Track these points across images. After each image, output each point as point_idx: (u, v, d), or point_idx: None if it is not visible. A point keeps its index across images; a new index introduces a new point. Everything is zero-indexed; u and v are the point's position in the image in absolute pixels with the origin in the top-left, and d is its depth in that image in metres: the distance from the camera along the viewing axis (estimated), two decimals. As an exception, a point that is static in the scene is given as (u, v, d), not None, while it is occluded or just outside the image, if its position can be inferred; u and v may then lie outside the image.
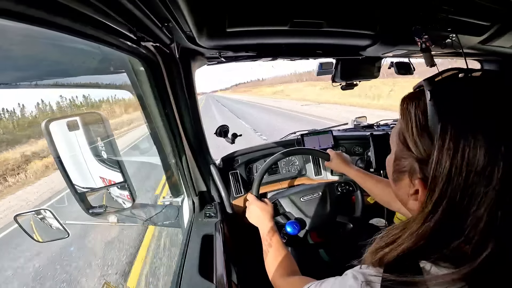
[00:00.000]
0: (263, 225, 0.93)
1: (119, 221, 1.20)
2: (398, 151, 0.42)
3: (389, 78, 15.37)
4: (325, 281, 0.48)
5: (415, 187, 0.38)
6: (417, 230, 0.35)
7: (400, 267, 0.36)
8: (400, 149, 0.42)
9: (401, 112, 0.41)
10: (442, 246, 0.34)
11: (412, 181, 0.39)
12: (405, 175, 0.41)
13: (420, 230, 0.35)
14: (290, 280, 0.70)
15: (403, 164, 0.41)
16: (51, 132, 0.95)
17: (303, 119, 11.51)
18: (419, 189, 0.37)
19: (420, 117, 0.37)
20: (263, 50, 1.08)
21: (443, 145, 0.32)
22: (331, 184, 1.20)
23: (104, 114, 1.06)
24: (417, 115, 0.37)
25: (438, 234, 0.34)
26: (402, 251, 0.36)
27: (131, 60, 0.86)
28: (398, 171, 0.43)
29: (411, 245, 0.35)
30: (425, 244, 0.35)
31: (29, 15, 0.37)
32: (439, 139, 0.33)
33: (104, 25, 0.52)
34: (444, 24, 0.90)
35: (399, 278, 0.35)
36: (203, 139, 1.28)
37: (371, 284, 0.37)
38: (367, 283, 0.38)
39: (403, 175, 0.42)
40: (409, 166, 0.40)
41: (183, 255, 0.94)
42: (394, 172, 0.44)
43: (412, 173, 0.39)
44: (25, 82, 0.75)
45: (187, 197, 1.27)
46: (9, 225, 4.43)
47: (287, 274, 0.74)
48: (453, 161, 0.32)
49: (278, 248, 0.82)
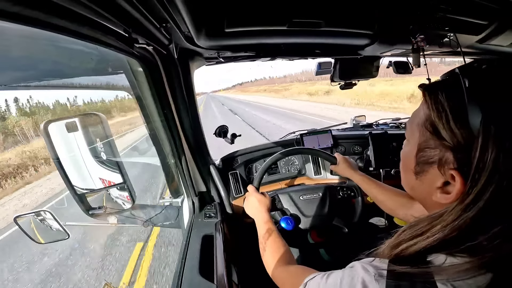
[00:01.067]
0: (259, 216, 0.93)
1: (119, 222, 1.20)
2: (423, 142, 0.41)
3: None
4: (332, 273, 0.46)
5: (445, 178, 0.38)
6: (453, 222, 0.34)
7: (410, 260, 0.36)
8: (426, 139, 0.40)
9: (427, 101, 0.40)
10: (476, 235, 0.33)
11: (443, 172, 0.38)
12: (432, 166, 0.39)
13: (457, 222, 0.34)
14: (289, 269, 0.70)
15: (431, 154, 0.39)
16: (50, 133, 0.94)
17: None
18: (455, 179, 0.36)
19: (456, 105, 0.36)
20: (262, 50, 1.08)
21: (488, 132, 0.31)
22: (334, 187, 1.20)
23: (103, 115, 1.06)
24: (450, 103, 0.36)
25: (477, 224, 0.33)
26: (431, 243, 0.36)
27: (130, 61, 0.85)
28: (423, 163, 0.41)
29: (443, 236, 0.35)
30: (459, 235, 0.34)
31: (25, 16, 0.37)
32: (482, 128, 0.32)
33: (101, 26, 0.52)
34: (442, 23, 0.90)
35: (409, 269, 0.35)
36: (202, 140, 1.28)
37: (383, 275, 0.37)
38: (380, 275, 0.37)
39: (429, 167, 0.40)
40: (439, 156, 0.38)
41: (184, 256, 0.94)
42: (417, 164, 0.43)
43: (444, 164, 0.37)
44: (23, 83, 0.74)
45: (187, 198, 1.27)
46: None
47: (284, 263, 0.74)
48: (501, 148, 0.31)
49: (274, 239, 0.82)
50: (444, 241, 0.35)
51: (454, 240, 0.34)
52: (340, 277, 0.43)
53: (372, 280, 0.37)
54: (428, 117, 0.39)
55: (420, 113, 0.42)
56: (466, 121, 0.34)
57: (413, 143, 0.43)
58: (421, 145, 0.41)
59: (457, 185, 0.36)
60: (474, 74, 0.36)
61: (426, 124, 0.40)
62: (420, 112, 0.42)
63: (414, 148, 0.43)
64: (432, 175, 0.40)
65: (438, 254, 0.35)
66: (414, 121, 0.43)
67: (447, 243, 0.35)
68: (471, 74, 0.36)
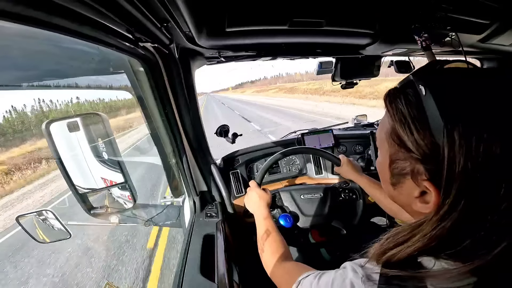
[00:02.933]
0: (259, 212, 0.94)
1: (120, 221, 1.20)
2: (393, 153, 0.39)
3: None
4: (324, 273, 0.47)
5: (421, 188, 0.36)
6: (431, 231, 0.34)
7: (400, 263, 0.36)
8: (395, 151, 0.39)
9: (388, 110, 0.39)
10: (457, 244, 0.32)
11: (417, 183, 0.37)
12: (407, 177, 0.38)
13: (434, 231, 0.33)
14: (286, 265, 0.70)
15: (402, 166, 0.38)
16: (51, 133, 0.95)
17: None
18: (429, 190, 0.35)
19: (415, 114, 0.34)
20: (263, 50, 1.08)
21: (453, 142, 0.30)
22: (335, 188, 1.20)
23: (104, 115, 1.06)
24: (411, 112, 0.35)
25: (455, 233, 0.32)
26: (412, 252, 0.35)
27: (131, 60, 0.86)
28: (397, 174, 0.40)
29: (423, 245, 0.34)
30: (438, 244, 0.34)
31: (27, 16, 0.37)
32: (446, 136, 0.31)
33: (102, 26, 0.52)
34: (443, 23, 0.90)
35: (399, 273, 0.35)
36: (203, 139, 1.28)
37: (371, 278, 0.37)
38: (367, 278, 0.38)
39: (403, 178, 0.39)
40: (410, 168, 0.37)
41: (185, 255, 0.94)
42: (392, 176, 0.41)
43: (416, 175, 0.36)
44: (25, 83, 0.75)
45: (188, 197, 1.27)
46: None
47: (281, 260, 0.74)
48: (468, 156, 0.29)
49: (272, 234, 0.83)
50: (426, 250, 0.34)
51: (435, 248, 0.34)
52: (332, 278, 0.44)
53: (359, 282, 0.38)
54: (393, 128, 0.38)
55: (386, 122, 0.40)
56: (429, 131, 0.33)
57: (384, 153, 0.42)
58: (392, 157, 0.40)
59: (432, 196, 0.35)
60: (430, 79, 0.34)
61: (392, 135, 0.38)
62: (385, 122, 0.40)
63: (386, 159, 0.42)
64: (408, 185, 0.39)
65: (426, 258, 0.35)
66: (382, 131, 0.42)
67: (431, 250, 0.34)
68: (427, 79, 0.35)
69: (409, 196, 0.39)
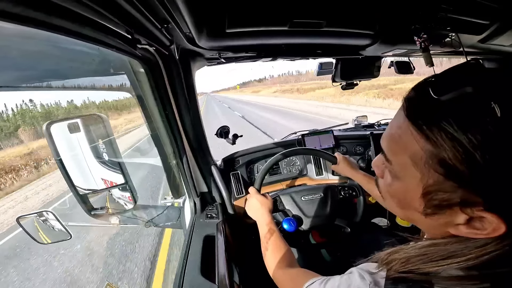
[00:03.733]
0: (261, 219, 0.93)
1: (121, 222, 1.21)
2: (432, 184, 0.32)
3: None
4: (330, 279, 0.46)
5: (469, 215, 0.31)
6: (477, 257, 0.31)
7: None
8: (437, 181, 0.32)
9: (427, 134, 0.31)
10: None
11: (466, 212, 0.31)
12: (453, 208, 0.32)
13: (497, 251, 0.30)
14: (290, 272, 0.70)
15: (447, 197, 0.32)
16: (52, 134, 0.95)
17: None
18: (484, 216, 0.30)
19: (480, 140, 0.27)
20: (263, 51, 1.08)
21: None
22: (335, 187, 1.20)
23: (105, 116, 1.07)
24: (474, 138, 0.27)
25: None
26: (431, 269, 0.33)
27: (131, 61, 0.86)
28: (436, 206, 0.34)
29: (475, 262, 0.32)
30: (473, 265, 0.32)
31: (27, 17, 0.37)
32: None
33: (102, 27, 0.52)
34: (443, 23, 0.90)
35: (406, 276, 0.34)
36: (203, 140, 1.28)
37: (379, 284, 0.37)
38: (375, 284, 0.37)
39: (446, 209, 0.33)
40: (460, 198, 0.31)
41: (185, 256, 0.94)
42: (428, 207, 0.35)
43: (470, 205, 0.31)
44: (25, 84, 0.75)
45: (188, 198, 1.27)
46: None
47: (285, 265, 0.74)
48: None
49: (276, 241, 0.82)
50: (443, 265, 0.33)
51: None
52: (337, 284, 0.43)
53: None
54: (432, 155, 0.31)
55: (413, 145, 0.33)
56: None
57: (411, 182, 0.35)
58: (429, 187, 0.33)
59: (492, 223, 0.30)
60: (501, 92, 0.27)
61: (432, 164, 0.31)
62: (411, 144, 0.33)
63: (416, 188, 0.35)
64: (450, 214, 0.33)
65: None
66: (404, 153, 0.34)
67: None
68: (498, 93, 0.27)
69: (447, 223, 0.34)
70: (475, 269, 0.31)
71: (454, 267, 0.32)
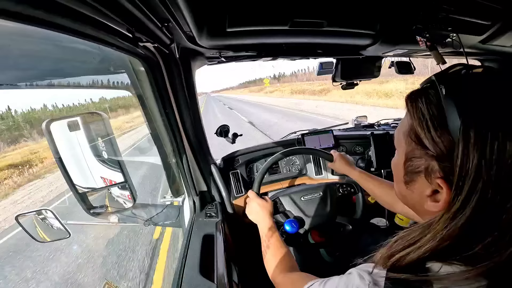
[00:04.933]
0: (263, 222, 0.93)
1: (120, 221, 1.20)
2: (409, 151, 0.41)
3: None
4: (329, 280, 0.47)
5: (433, 187, 0.37)
6: (443, 230, 0.34)
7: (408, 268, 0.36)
8: (412, 149, 0.40)
9: (409, 110, 0.40)
10: (470, 244, 0.33)
11: (430, 181, 0.38)
12: (420, 175, 0.39)
13: (446, 230, 0.34)
14: (291, 276, 0.70)
15: (417, 164, 0.39)
16: (52, 132, 0.95)
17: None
18: (442, 188, 0.36)
19: (434, 112, 0.36)
20: (264, 50, 1.08)
21: (468, 139, 0.31)
22: (333, 184, 1.20)
23: (105, 114, 1.06)
24: (430, 111, 0.36)
25: (467, 233, 0.33)
26: (423, 253, 0.35)
27: (131, 60, 0.86)
28: (411, 172, 0.41)
29: (436, 245, 0.34)
30: (451, 244, 0.34)
31: (28, 15, 0.37)
32: (462, 134, 0.32)
33: (103, 25, 0.52)
34: (444, 24, 0.90)
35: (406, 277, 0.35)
36: (203, 139, 1.28)
37: (378, 284, 0.37)
38: (374, 283, 0.37)
39: (417, 176, 0.40)
40: (425, 166, 0.38)
41: (184, 255, 0.94)
42: (406, 174, 0.42)
43: (430, 173, 0.37)
44: (25, 82, 0.75)
45: (187, 197, 1.27)
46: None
47: (286, 270, 0.74)
48: (482, 155, 0.30)
49: (277, 245, 0.82)
50: (438, 250, 0.35)
51: (447, 249, 0.34)
52: (336, 284, 0.43)
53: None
54: (411, 127, 0.39)
55: (405, 122, 0.42)
56: (446, 129, 0.34)
57: (401, 152, 0.43)
58: (407, 154, 0.41)
59: (443, 194, 0.36)
60: (452, 80, 0.36)
61: (410, 133, 0.40)
62: (405, 121, 0.42)
63: (402, 157, 0.43)
64: (420, 184, 0.40)
65: (433, 262, 0.35)
66: (400, 130, 0.43)
67: (442, 253, 0.34)
68: (448, 80, 0.36)
69: (420, 194, 0.40)
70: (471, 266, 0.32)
71: (417, 253, 0.36)
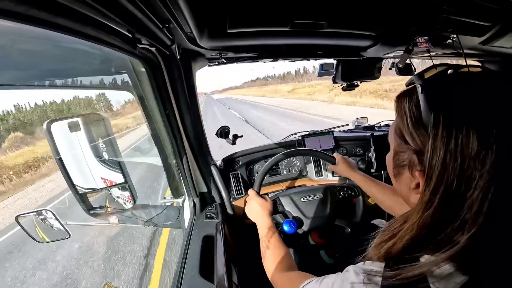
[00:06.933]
0: (262, 221, 0.93)
1: (120, 221, 1.20)
2: (396, 146, 0.44)
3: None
4: (326, 277, 0.48)
5: (415, 180, 0.40)
6: (418, 220, 0.36)
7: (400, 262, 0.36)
8: (398, 144, 0.43)
9: (396, 108, 0.43)
10: (440, 232, 0.35)
11: (412, 174, 0.40)
12: (405, 169, 0.42)
13: (420, 220, 0.36)
14: (289, 275, 0.70)
15: (402, 158, 0.42)
16: (52, 132, 0.95)
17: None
18: (420, 181, 0.38)
19: (414, 110, 0.39)
20: (264, 51, 1.08)
21: (437, 134, 0.34)
22: (334, 187, 1.19)
23: (105, 115, 1.06)
24: (411, 109, 0.39)
25: (437, 221, 0.35)
26: (406, 243, 0.37)
27: (132, 61, 0.86)
28: (398, 166, 0.44)
29: (414, 235, 0.36)
30: (426, 233, 0.36)
31: (29, 16, 0.37)
32: (432, 128, 0.34)
33: (104, 26, 0.52)
34: (444, 25, 0.90)
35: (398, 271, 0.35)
36: (203, 140, 1.28)
37: (373, 279, 0.38)
38: (369, 279, 0.38)
39: (403, 169, 0.43)
40: (408, 159, 0.41)
41: (184, 256, 0.93)
42: (394, 167, 0.46)
43: (412, 166, 0.40)
44: (27, 83, 0.75)
45: (188, 198, 1.27)
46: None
47: (284, 269, 0.74)
48: (447, 148, 0.33)
49: (276, 244, 0.82)
50: (417, 239, 0.36)
51: (425, 238, 0.36)
52: (332, 281, 0.45)
53: (360, 284, 0.38)
54: (397, 124, 0.43)
55: (395, 121, 0.45)
56: (422, 124, 0.37)
57: (392, 148, 0.47)
58: (395, 149, 0.45)
59: (421, 186, 0.38)
60: (427, 79, 0.39)
61: (397, 130, 0.43)
62: (395, 120, 0.45)
63: (391, 152, 0.46)
64: (406, 177, 0.43)
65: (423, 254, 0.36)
66: (392, 128, 0.47)
67: (425, 240, 0.36)
68: (424, 79, 0.39)
69: (407, 187, 0.43)
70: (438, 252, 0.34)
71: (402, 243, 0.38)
